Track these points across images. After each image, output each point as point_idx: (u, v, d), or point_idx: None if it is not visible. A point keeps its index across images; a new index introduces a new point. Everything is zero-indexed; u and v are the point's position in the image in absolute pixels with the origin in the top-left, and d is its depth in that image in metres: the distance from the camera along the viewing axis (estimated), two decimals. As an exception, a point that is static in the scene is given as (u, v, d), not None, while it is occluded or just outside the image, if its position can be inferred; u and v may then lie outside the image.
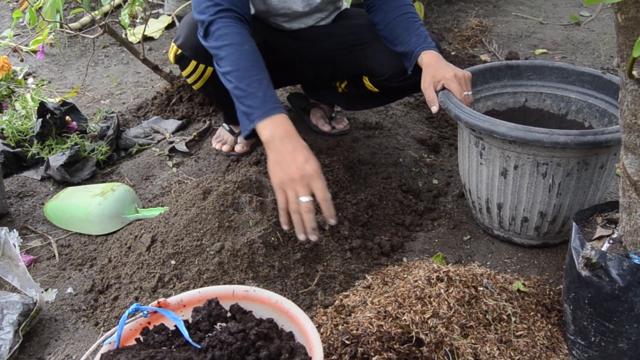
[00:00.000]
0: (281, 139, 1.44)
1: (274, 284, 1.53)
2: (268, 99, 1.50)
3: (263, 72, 1.55)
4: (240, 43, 1.58)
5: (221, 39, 1.59)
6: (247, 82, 1.52)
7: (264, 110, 1.48)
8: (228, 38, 1.58)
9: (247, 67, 1.54)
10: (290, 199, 1.39)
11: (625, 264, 1.21)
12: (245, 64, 1.54)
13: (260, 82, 1.52)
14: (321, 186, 1.40)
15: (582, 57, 3.13)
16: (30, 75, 3.30)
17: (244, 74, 1.53)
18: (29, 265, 1.79)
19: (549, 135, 1.46)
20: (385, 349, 1.24)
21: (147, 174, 2.23)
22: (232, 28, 1.60)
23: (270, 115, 1.47)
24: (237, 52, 1.56)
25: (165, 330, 1.15)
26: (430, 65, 1.72)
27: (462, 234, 1.84)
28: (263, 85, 1.52)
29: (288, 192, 1.40)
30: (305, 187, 1.39)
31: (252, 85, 1.51)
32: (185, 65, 2.00)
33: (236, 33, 1.60)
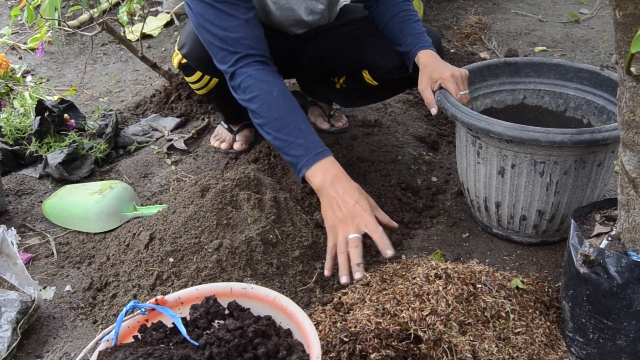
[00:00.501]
0: (332, 184, 1.44)
1: (272, 282, 1.53)
2: (310, 144, 1.49)
3: (298, 115, 1.53)
4: (268, 91, 1.53)
5: (247, 91, 1.55)
6: (285, 131, 1.49)
7: (309, 157, 1.47)
8: (254, 89, 1.54)
9: (280, 115, 1.51)
10: (339, 240, 1.38)
11: (623, 261, 1.21)
12: (278, 113, 1.51)
13: (298, 129, 1.50)
14: (371, 221, 1.38)
15: (581, 54, 3.13)
16: (28, 73, 3.30)
17: (280, 124, 1.50)
18: (27, 263, 1.79)
19: (546, 134, 1.46)
20: (384, 346, 1.24)
21: (145, 171, 2.23)
22: (256, 77, 1.55)
23: (317, 161, 1.47)
24: (267, 103, 1.52)
25: (163, 328, 1.15)
26: (426, 65, 1.72)
27: (460, 231, 1.84)
28: (302, 131, 1.50)
29: (338, 235, 1.39)
30: (354, 226, 1.38)
31: (291, 133, 1.49)
32: (190, 74, 1.99)
33: (261, 81, 1.55)
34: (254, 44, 1.59)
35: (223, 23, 1.58)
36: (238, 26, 1.58)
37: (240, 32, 1.58)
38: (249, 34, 1.59)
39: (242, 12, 1.60)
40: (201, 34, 1.64)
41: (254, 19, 1.62)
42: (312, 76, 2.27)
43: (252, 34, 1.60)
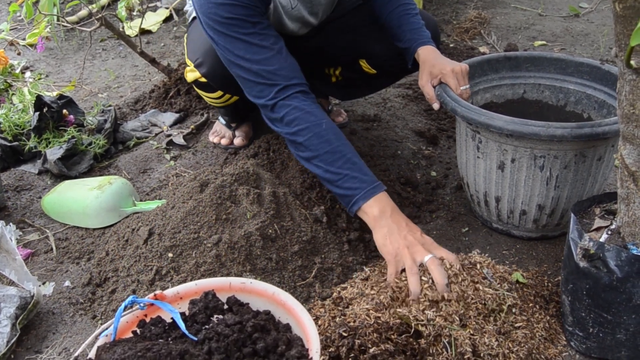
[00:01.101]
0: (392, 216, 1.45)
1: (271, 277, 1.52)
2: (365, 177, 1.48)
3: (350, 148, 1.51)
4: (317, 124, 1.50)
5: (294, 124, 1.51)
6: (338, 164, 1.48)
7: (367, 191, 1.47)
8: (301, 122, 1.50)
9: (332, 149, 1.49)
10: (408, 264, 1.37)
11: (623, 255, 1.21)
12: (330, 146, 1.49)
13: (352, 162, 1.49)
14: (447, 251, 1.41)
15: (581, 48, 3.12)
16: (27, 69, 3.30)
17: (332, 157, 1.48)
18: (27, 258, 1.79)
19: (546, 129, 1.45)
20: (383, 340, 1.24)
21: (144, 167, 2.23)
22: (302, 108, 1.51)
23: (375, 194, 1.47)
24: (317, 136, 1.49)
25: (161, 323, 1.15)
26: (426, 61, 1.72)
27: (460, 226, 1.84)
28: (356, 164, 1.49)
29: (405, 260, 1.38)
30: (424, 251, 1.38)
31: (345, 166, 1.48)
32: (210, 91, 1.94)
33: (307, 113, 1.51)
34: (292, 74, 1.55)
35: (255, 56, 1.53)
36: (272, 57, 1.54)
37: (275, 64, 1.54)
38: (284, 64, 1.55)
39: (272, 41, 1.56)
40: (232, 69, 1.59)
41: (284, 48, 1.58)
42: (308, 68, 2.25)
43: (287, 64, 1.56)
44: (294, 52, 2.05)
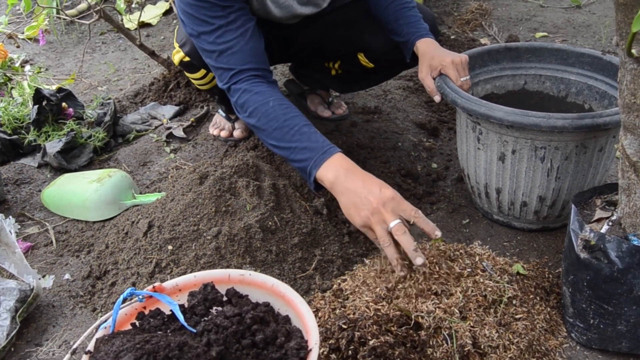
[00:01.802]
0: (346, 178, 1.35)
1: (271, 269, 1.52)
2: (315, 145, 1.41)
3: (299, 120, 1.46)
4: (264, 103, 1.48)
5: (245, 107, 1.50)
6: (286, 139, 1.44)
7: (317, 157, 1.39)
8: (250, 104, 1.49)
9: (280, 125, 1.45)
10: (380, 233, 1.29)
11: (624, 246, 1.20)
12: (277, 123, 1.45)
13: (300, 133, 1.43)
14: (408, 205, 1.30)
15: (582, 40, 3.10)
16: (27, 62, 3.29)
17: (281, 133, 1.45)
18: (26, 252, 1.78)
19: (546, 119, 1.44)
20: (383, 332, 1.24)
21: (144, 160, 2.22)
22: (250, 90, 1.51)
23: (326, 159, 1.39)
24: (264, 115, 1.47)
25: (160, 315, 1.14)
26: (425, 53, 1.71)
27: (461, 217, 1.83)
28: (304, 134, 1.43)
29: (375, 228, 1.29)
30: (391, 213, 1.28)
31: (294, 139, 1.43)
32: (193, 71, 1.95)
33: (255, 94, 1.50)
34: (248, 58, 1.54)
35: (217, 40, 1.53)
36: (232, 41, 1.53)
37: (234, 48, 1.53)
38: (244, 48, 1.54)
39: (237, 24, 1.54)
40: (200, 52, 1.60)
41: (250, 32, 1.56)
42: (307, 61, 2.25)
43: (247, 47, 1.54)
44: (293, 44, 2.04)
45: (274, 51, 2.08)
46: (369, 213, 1.30)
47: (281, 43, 2.04)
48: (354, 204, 1.33)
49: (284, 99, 1.52)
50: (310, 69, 2.30)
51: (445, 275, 1.40)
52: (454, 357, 1.24)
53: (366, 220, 1.31)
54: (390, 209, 1.29)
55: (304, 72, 2.35)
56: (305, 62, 2.29)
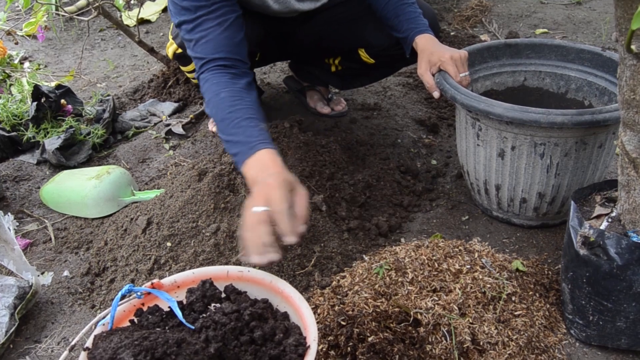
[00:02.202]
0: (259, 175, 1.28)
1: (270, 266, 1.51)
2: (247, 140, 1.36)
3: (242, 113, 1.41)
4: (216, 93, 1.46)
5: (204, 96, 1.51)
6: (227, 131, 1.40)
7: (245, 150, 1.34)
8: (207, 94, 1.48)
9: (223, 116, 1.42)
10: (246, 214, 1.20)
11: (623, 243, 1.20)
12: (222, 114, 1.43)
13: (238, 126, 1.39)
14: (278, 195, 1.18)
15: (583, 36, 3.09)
16: (26, 59, 3.28)
17: (223, 124, 1.42)
18: (25, 248, 1.78)
19: (546, 116, 1.44)
20: (382, 328, 1.24)
21: (143, 156, 2.22)
22: (210, 80, 1.49)
23: (251, 155, 1.33)
24: (215, 105, 1.45)
25: (159, 311, 1.14)
26: (424, 49, 1.70)
27: (460, 214, 1.83)
28: (242, 127, 1.38)
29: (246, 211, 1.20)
30: (262, 198, 1.19)
31: (232, 131, 1.39)
32: (186, 63, 1.96)
33: (213, 84, 1.48)
34: (219, 48, 1.51)
35: (196, 28, 1.53)
36: (207, 30, 1.52)
37: (208, 37, 1.52)
38: (217, 38, 1.52)
39: (218, 14, 1.52)
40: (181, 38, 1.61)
41: (228, 22, 1.54)
42: (307, 58, 2.24)
43: (220, 37, 1.52)
44: (293, 41, 2.04)
45: (273, 48, 2.08)
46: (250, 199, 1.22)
47: (281, 40, 2.04)
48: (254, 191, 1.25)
49: (240, 91, 1.47)
50: (310, 65, 2.30)
51: (444, 271, 1.40)
52: (453, 354, 1.24)
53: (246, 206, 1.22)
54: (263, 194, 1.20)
55: (304, 68, 2.34)
56: (305, 59, 2.28)
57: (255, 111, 1.44)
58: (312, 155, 1.85)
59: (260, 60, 2.14)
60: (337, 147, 1.94)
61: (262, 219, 1.15)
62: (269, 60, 2.35)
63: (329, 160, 1.86)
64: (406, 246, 1.52)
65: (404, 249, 1.49)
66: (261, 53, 2.00)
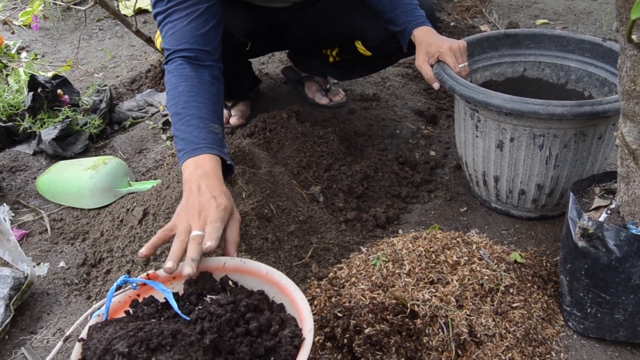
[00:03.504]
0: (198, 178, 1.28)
1: (267, 257, 1.51)
2: (193, 139, 1.35)
3: (196, 110, 1.40)
4: (175, 86, 1.44)
5: (166, 88, 1.48)
6: (176, 126, 1.39)
7: (187, 151, 1.34)
8: (167, 85, 1.46)
9: (177, 110, 1.40)
10: (180, 229, 1.21)
11: (622, 235, 1.19)
12: (176, 108, 1.41)
13: (188, 124, 1.38)
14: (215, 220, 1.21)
15: (583, 27, 3.08)
16: (23, 49, 3.26)
17: (176, 118, 1.40)
18: (21, 239, 1.77)
19: (545, 107, 1.42)
20: (379, 320, 1.23)
21: (140, 147, 2.21)
22: (172, 72, 1.46)
23: (193, 156, 1.32)
24: (172, 98, 1.43)
25: (154, 303, 1.13)
26: (422, 41, 1.69)
27: (459, 205, 1.82)
28: (191, 126, 1.37)
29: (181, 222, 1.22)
30: (201, 221, 1.22)
31: (181, 128, 1.38)
32: None
33: (174, 76, 1.45)
34: (185, 39, 1.48)
35: (170, 17, 1.50)
36: (177, 20, 1.49)
37: (176, 28, 1.49)
38: (184, 29, 1.49)
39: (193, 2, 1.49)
40: None
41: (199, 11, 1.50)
42: (304, 49, 2.23)
43: (187, 28, 1.49)
44: (288, 32, 2.02)
45: (267, 39, 2.06)
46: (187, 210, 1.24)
47: (276, 31, 2.03)
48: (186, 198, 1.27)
49: (200, 85, 1.45)
50: (308, 56, 2.28)
51: (441, 263, 1.39)
52: (450, 346, 1.24)
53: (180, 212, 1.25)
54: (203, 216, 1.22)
55: (302, 59, 2.33)
56: (302, 50, 2.27)
57: (211, 110, 1.42)
58: (310, 146, 1.84)
59: (254, 51, 2.13)
60: (335, 138, 1.93)
61: (199, 241, 1.18)
62: (265, 50, 2.33)
63: (326, 151, 1.85)
64: (404, 237, 1.51)
65: (401, 241, 1.49)
66: (253, 43, 1.98)
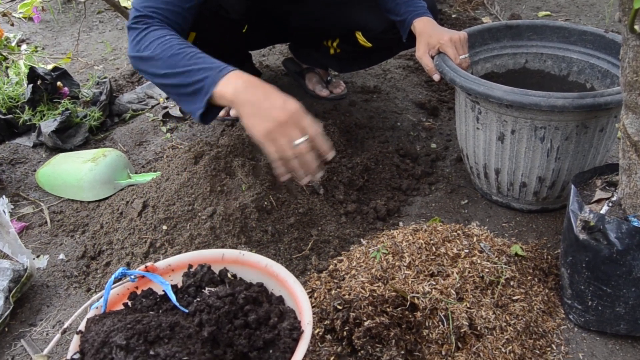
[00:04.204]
0: (246, 90, 1.24)
1: (267, 249, 1.50)
2: (212, 65, 1.31)
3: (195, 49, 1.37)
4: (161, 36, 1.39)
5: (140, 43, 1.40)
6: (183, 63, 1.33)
7: (214, 74, 1.28)
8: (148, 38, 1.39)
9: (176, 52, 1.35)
10: (285, 146, 1.20)
11: (624, 227, 1.18)
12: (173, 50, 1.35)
13: (197, 57, 1.33)
14: (311, 121, 1.23)
15: (585, 19, 3.06)
16: (23, 41, 3.25)
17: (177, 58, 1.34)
18: (21, 232, 1.77)
19: (546, 99, 1.41)
20: (378, 313, 1.22)
21: (140, 139, 2.20)
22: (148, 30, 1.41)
23: (223, 76, 1.27)
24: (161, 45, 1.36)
25: (153, 295, 1.13)
26: (423, 32, 1.68)
27: (459, 198, 1.81)
28: (202, 57, 1.33)
29: (279, 140, 1.20)
30: (296, 127, 1.21)
31: (190, 62, 1.32)
32: None
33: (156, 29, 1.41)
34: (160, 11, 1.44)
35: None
36: None
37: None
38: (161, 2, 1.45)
39: None
40: None
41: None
42: (304, 40, 2.22)
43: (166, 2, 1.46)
44: (288, 23, 2.01)
45: (269, 29, 2.05)
46: (275, 125, 1.21)
47: (277, 24, 2.01)
48: (256, 115, 1.23)
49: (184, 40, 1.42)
50: (309, 48, 2.27)
51: (442, 256, 1.39)
52: (450, 339, 1.23)
53: (270, 132, 1.21)
54: (294, 122, 1.21)
55: (303, 50, 2.32)
56: (302, 41, 2.26)
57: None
58: (310, 139, 1.83)
59: (253, 41, 2.11)
60: (335, 130, 1.92)
61: (308, 147, 1.21)
62: (265, 42, 2.32)
63: (327, 144, 1.84)
64: (404, 230, 1.50)
65: (401, 233, 1.48)
66: (250, 27, 1.94)
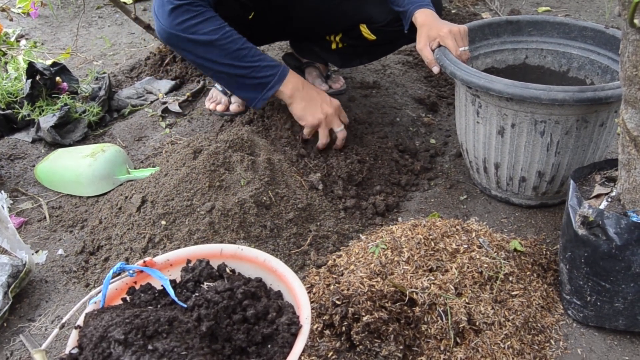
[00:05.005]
0: (304, 88, 1.71)
1: (266, 244, 1.50)
2: (274, 63, 1.68)
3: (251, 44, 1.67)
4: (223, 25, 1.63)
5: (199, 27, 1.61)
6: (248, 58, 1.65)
7: (279, 73, 1.68)
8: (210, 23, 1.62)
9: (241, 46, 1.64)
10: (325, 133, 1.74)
11: (623, 222, 1.18)
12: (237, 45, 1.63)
13: (258, 54, 1.66)
14: (345, 115, 1.82)
15: (586, 14, 3.05)
16: (22, 37, 3.24)
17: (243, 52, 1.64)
18: (20, 227, 1.77)
19: (547, 92, 1.41)
20: (377, 308, 1.22)
21: (139, 135, 2.20)
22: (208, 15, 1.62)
23: (286, 75, 1.69)
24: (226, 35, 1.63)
25: (151, 290, 1.13)
26: (424, 24, 1.68)
27: (459, 193, 1.81)
28: (262, 55, 1.67)
29: (322, 128, 1.73)
30: (338, 118, 1.76)
31: (254, 59, 1.66)
32: None
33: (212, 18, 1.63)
34: None
35: None
36: None
37: None
38: None
39: None
40: None
41: None
42: (308, 35, 2.21)
43: None
44: (293, 17, 2.00)
45: (273, 27, 2.04)
46: (325, 115, 1.73)
47: (279, 20, 2.00)
48: (310, 108, 1.72)
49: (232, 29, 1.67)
50: (310, 42, 2.26)
51: (440, 251, 1.39)
52: (449, 334, 1.23)
53: (320, 121, 1.73)
54: (338, 114, 1.76)
55: (304, 45, 2.31)
56: (306, 36, 2.25)
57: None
58: (309, 134, 1.83)
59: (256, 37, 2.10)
60: (334, 126, 1.91)
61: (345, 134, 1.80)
62: (268, 38, 2.31)
63: (326, 139, 1.84)
64: (403, 225, 1.50)
65: (400, 228, 1.48)
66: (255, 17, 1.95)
